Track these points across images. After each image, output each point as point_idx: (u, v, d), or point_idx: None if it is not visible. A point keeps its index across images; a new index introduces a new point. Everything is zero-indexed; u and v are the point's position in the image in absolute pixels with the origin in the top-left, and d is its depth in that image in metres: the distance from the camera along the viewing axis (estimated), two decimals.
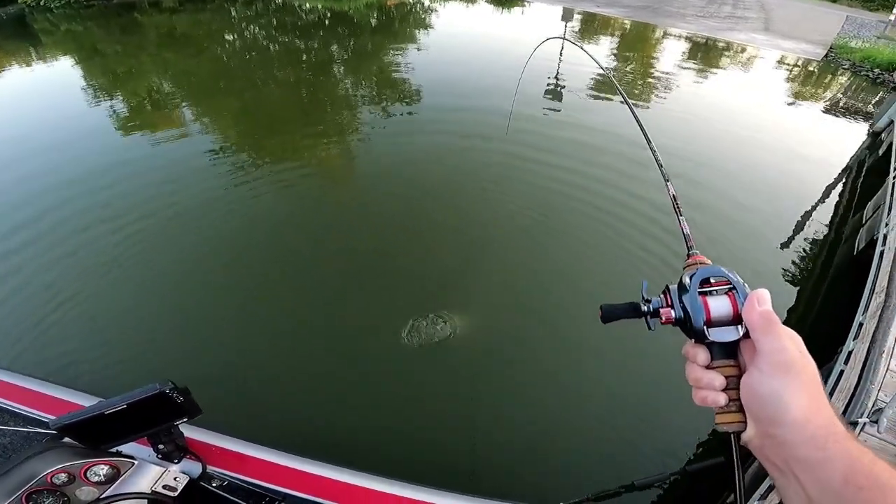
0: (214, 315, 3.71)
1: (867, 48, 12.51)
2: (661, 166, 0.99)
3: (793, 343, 0.50)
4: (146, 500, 1.31)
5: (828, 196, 6.17)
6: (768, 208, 5.56)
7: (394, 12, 15.00)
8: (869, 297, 3.41)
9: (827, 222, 5.56)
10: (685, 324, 0.57)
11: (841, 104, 9.93)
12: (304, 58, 10.70)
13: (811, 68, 12.25)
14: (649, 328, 0.62)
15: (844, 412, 2.37)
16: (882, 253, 3.81)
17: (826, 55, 12.93)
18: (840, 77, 11.75)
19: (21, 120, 7.05)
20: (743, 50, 13.35)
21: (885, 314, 2.98)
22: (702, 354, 0.56)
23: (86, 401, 1.65)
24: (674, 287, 0.61)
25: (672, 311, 0.59)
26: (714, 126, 7.90)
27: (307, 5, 15.03)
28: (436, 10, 15.71)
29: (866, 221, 4.92)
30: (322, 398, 3.15)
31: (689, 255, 0.67)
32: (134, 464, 1.37)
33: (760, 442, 0.51)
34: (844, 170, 6.93)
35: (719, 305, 0.56)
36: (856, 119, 9.00)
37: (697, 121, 8.04)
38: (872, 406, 2.34)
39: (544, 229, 4.76)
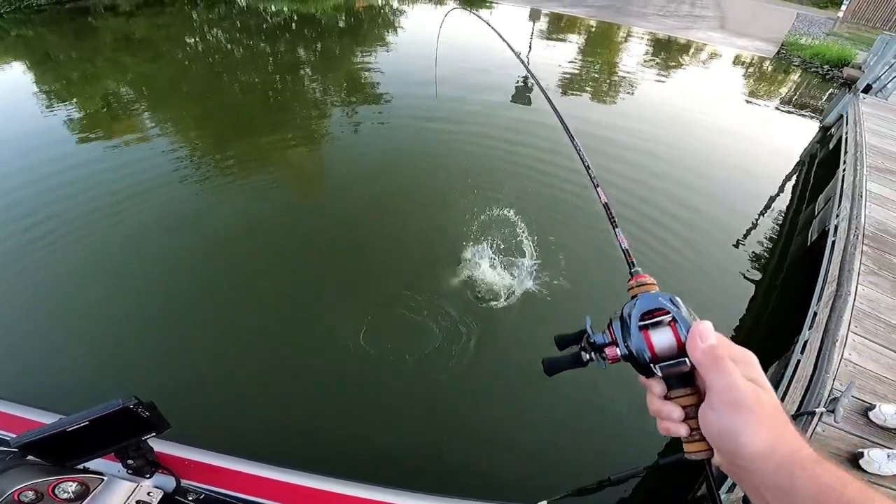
0: (181, 325, 3.63)
1: (817, 45, 13.11)
2: (588, 168, 0.92)
3: (744, 375, 0.49)
4: None
5: (782, 190, 6.46)
6: (724, 203, 5.78)
7: (362, 14, 14.87)
8: (822, 287, 3.60)
9: (782, 215, 5.84)
10: (632, 360, 0.56)
11: (793, 100, 10.39)
12: (270, 61, 10.51)
13: (764, 65, 12.77)
14: (603, 368, 0.60)
15: (801, 402, 2.49)
16: (833, 243, 4.02)
17: (778, 52, 13.50)
18: (792, 74, 12.30)
19: None
20: (699, 48, 13.82)
21: (836, 303, 3.15)
22: (657, 386, 0.56)
23: (46, 418, 1.63)
24: (616, 322, 0.58)
25: (617, 349, 0.57)
26: (670, 122, 8.17)
27: (272, 8, 14.73)
28: (404, 13, 15.66)
29: (818, 213, 5.18)
30: (296, 406, 3.13)
31: (631, 275, 0.64)
32: (103, 480, 1.36)
33: (729, 468, 0.51)
34: (797, 164, 7.27)
35: (662, 339, 0.54)
36: (807, 114, 9.44)
37: (654, 117, 8.29)
38: (828, 395, 2.47)
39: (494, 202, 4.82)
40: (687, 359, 0.52)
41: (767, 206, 5.94)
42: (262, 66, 10.18)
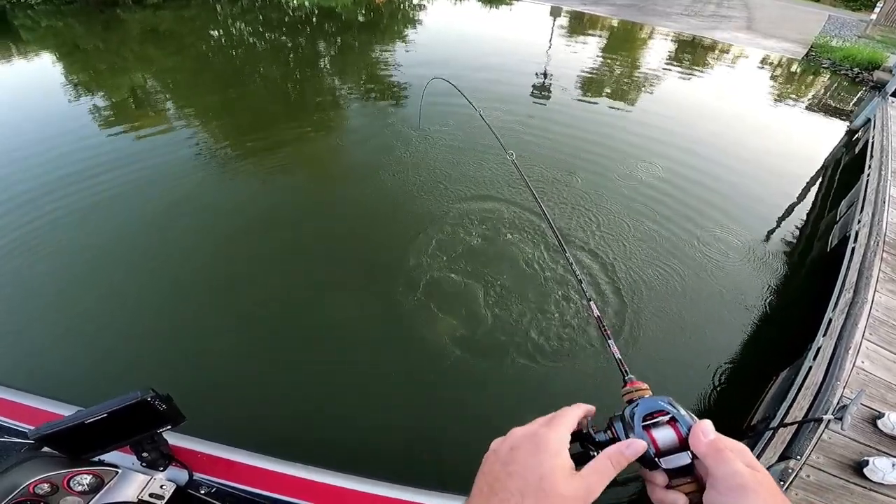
0: (197, 320, 3.69)
1: (848, 47, 12.71)
2: (579, 279, 0.97)
3: (744, 462, 0.52)
4: None
5: (805, 194, 6.31)
6: (745, 205, 5.67)
7: (382, 10, 14.93)
8: (839, 294, 3.51)
9: (803, 220, 5.70)
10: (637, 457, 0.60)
11: (821, 103, 10.11)
12: (291, 55, 10.64)
13: (792, 67, 12.44)
14: None
15: (809, 409, 2.44)
16: (853, 250, 3.92)
17: (807, 54, 13.14)
18: (821, 76, 11.96)
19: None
20: (725, 49, 13.52)
21: (852, 310, 3.08)
22: (659, 477, 0.59)
23: (64, 410, 1.64)
24: (618, 424, 0.62)
25: None
26: (692, 122, 8.04)
27: (294, 2, 14.90)
28: (423, 8, 15.67)
29: (840, 219, 5.05)
30: (309, 401, 3.15)
31: (625, 382, 0.70)
32: (118, 472, 1.35)
33: None
34: (821, 168, 7.08)
35: (665, 436, 0.58)
36: (835, 117, 9.18)
37: (678, 118, 8.15)
38: (837, 403, 2.41)
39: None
40: (689, 452, 0.57)
41: (789, 210, 5.81)
42: (283, 59, 10.32)
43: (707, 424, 0.57)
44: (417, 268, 4.11)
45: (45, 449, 1.28)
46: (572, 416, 0.60)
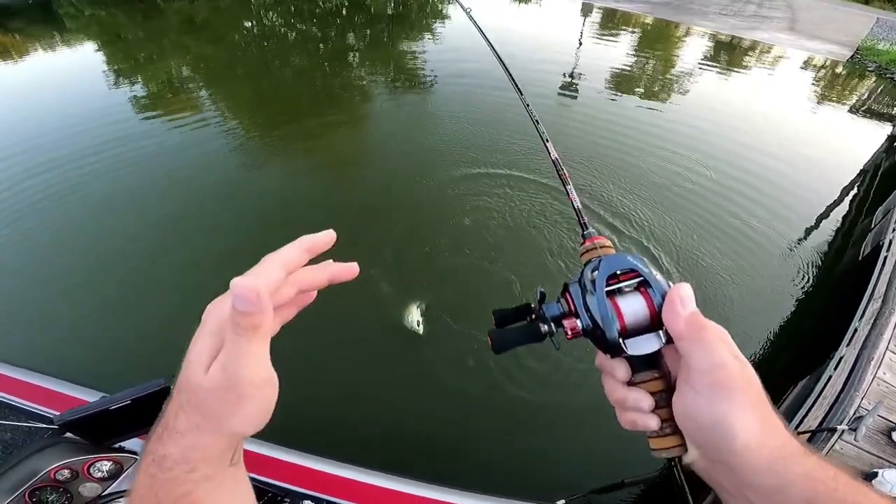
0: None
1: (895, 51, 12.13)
2: (536, 123, 0.82)
3: (729, 351, 0.41)
4: None
5: (842, 200, 6.06)
6: (782, 209, 5.47)
7: (411, 2, 14.96)
8: (867, 303, 3.35)
9: (838, 225, 5.48)
10: (595, 335, 0.46)
11: (865, 107, 9.67)
12: (321, 46, 10.76)
13: (835, 70, 11.92)
14: (556, 348, 0.50)
15: (823, 419, 2.34)
16: (885, 259, 3.74)
17: (852, 57, 12.57)
18: (866, 79, 11.43)
19: (41, 107, 7.24)
20: (765, 49, 13.04)
21: (879, 321, 2.94)
22: (621, 369, 0.46)
23: (88, 396, 1.65)
24: (574, 286, 0.48)
25: (578, 322, 0.47)
26: (729, 123, 7.77)
27: None
28: (452, 1, 15.63)
29: (875, 226, 4.81)
30: (325, 393, 3.13)
31: (584, 238, 0.53)
32: (137, 459, 1.33)
33: (706, 466, 0.43)
34: (860, 173, 6.78)
35: (633, 308, 0.45)
36: (878, 122, 8.77)
37: (714, 119, 7.90)
38: (854, 413, 2.31)
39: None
40: (660, 333, 0.44)
41: (824, 215, 5.60)
42: (313, 50, 10.45)
43: (685, 290, 0.43)
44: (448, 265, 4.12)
45: (68, 434, 1.28)
46: (259, 272, 0.39)
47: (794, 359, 3.64)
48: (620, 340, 0.44)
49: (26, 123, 6.27)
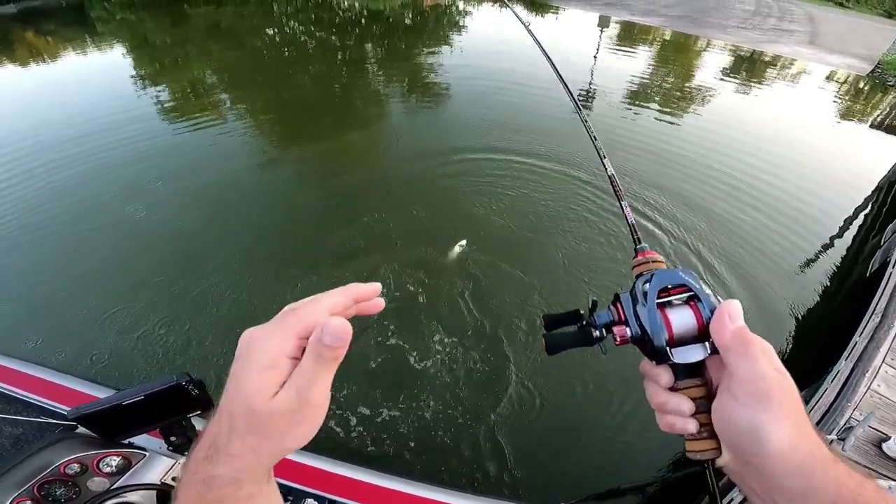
0: (224, 306, 3.73)
1: None
2: (594, 140, 0.87)
3: (770, 363, 0.44)
4: (155, 492, 1.32)
5: (857, 216, 6.01)
6: (796, 225, 5.46)
7: (429, 13, 15.20)
8: (868, 319, 3.36)
9: (850, 242, 5.45)
10: (643, 342, 0.50)
11: (885, 122, 9.55)
12: (339, 55, 11.00)
13: (855, 83, 11.79)
14: (603, 353, 0.54)
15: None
16: (891, 275, 3.73)
17: (872, 71, 12.41)
18: (888, 94, 11.27)
19: (73, 108, 7.56)
20: (784, 62, 12.94)
21: (877, 334, 2.95)
22: (665, 375, 0.50)
23: (99, 392, 1.67)
24: (625, 296, 0.52)
25: (627, 329, 0.50)
26: (745, 136, 7.73)
27: (345, 3, 15.41)
28: (470, 13, 15.83)
29: (884, 244, 4.78)
30: (334, 394, 3.22)
31: (636, 252, 0.59)
32: (145, 455, 1.37)
33: (738, 469, 0.46)
34: (875, 190, 6.70)
35: (682, 320, 0.48)
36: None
37: (732, 132, 7.87)
38: (844, 424, 2.34)
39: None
40: (706, 344, 0.48)
41: (838, 232, 5.56)
42: (332, 58, 10.69)
43: (735, 306, 0.47)
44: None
45: (80, 430, 1.31)
46: (308, 310, 0.43)
47: (798, 371, 3.64)
48: (667, 348, 0.48)
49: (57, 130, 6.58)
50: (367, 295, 0.48)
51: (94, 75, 9.11)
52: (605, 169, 0.80)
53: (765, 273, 4.55)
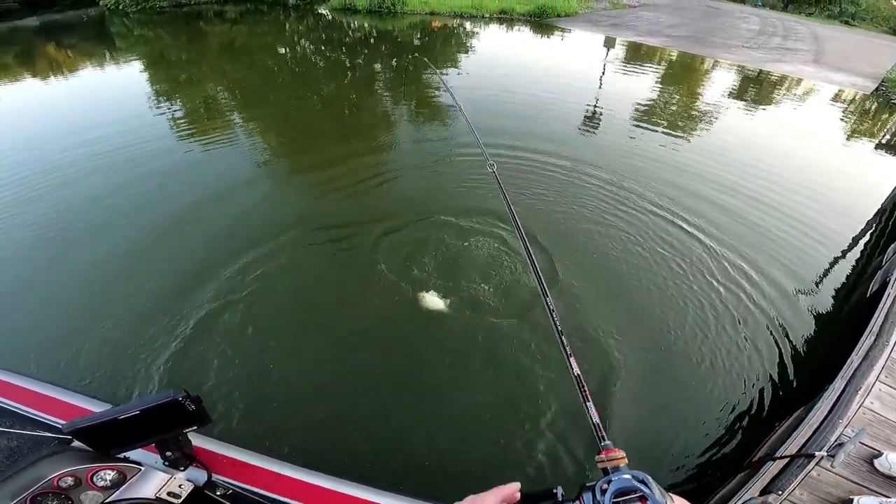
0: (226, 325, 3.71)
1: None
2: (559, 332, 0.92)
3: None
4: None
5: (860, 238, 6.02)
6: (799, 245, 5.47)
7: (437, 34, 15.52)
8: (865, 338, 3.38)
9: (853, 264, 5.45)
10: None
11: (888, 142, 9.57)
12: (349, 73, 11.25)
13: (858, 102, 11.84)
14: None
15: (803, 445, 2.40)
16: (888, 295, 3.75)
17: (877, 89, 12.47)
18: (894, 113, 11.29)
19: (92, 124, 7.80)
20: (788, 82, 13.04)
21: (871, 353, 2.98)
22: None
23: (95, 406, 1.67)
24: (587, 495, 0.61)
25: None
26: (747, 156, 7.78)
27: (355, 23, 15.79)
28: (476, 34, 16.14)
29: (885, 264, 4.79)
30: (330, 411, 3.12)
31: (600, 450, 0.69)
32: (140, 470, 1.38)
33: None
34: (878, 212, 6.71)
35: None
36: None
37: (734, 153, 7.91)
38: (835, 440, 2.36)
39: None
40: None
41: (841, 253, 5.57)
42: (341, 77, 10.93)
43: None
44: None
45: (75, 443, 1.30)
46: (497, 495, 0.65)
47: (796, 390, 3.66)
48: None
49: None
50: (511, 497, 0.67)
51: (111, 91, 9.40)
52: (571, 369, 0.86)
53: (766, 293, 4.57)
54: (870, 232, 6.13)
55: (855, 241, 5.89)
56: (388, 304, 4.01)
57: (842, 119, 10.67)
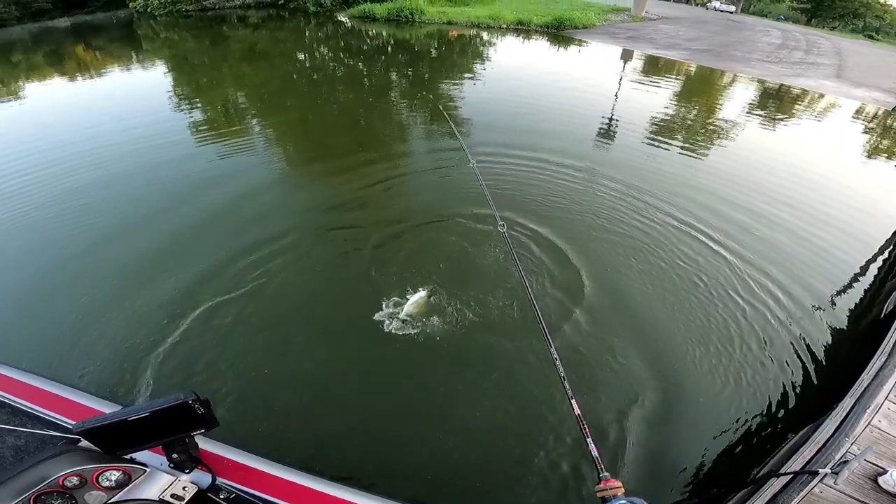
0: (234, 330, 3.69)
1: None
2: (562, 376, 0.96)
3: None
4: None
5: (877, 259, 5.90)
6: (817, 264, 5.38)
7: (454, 44, 15.68)
8: (877, 358, 3.32)
9: (870, 283, 5.34)
10: None
11: None
12: (366, 80, 11.40)
13: (884, 119, 11.63)
14: None
15: (807, 463, 2.36)
16: None
17: None
18: None
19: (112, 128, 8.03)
20: (808, 97, 12.88)
21: (882, 372, 2.93)
22: None
23: (104, 406, 1.66)
24: None
25: None
26: (766, 172, 7.69)
27: (373, 31, 16.03)
28: (493, 44, 16.25)
29: None
30: (335, 416, 3.13)
31: (599, 479, 0.74)
32: (146, 471, 1.38)
33: None
34: (895, 233, 6.59)
35: None
36: None
37: (753, 169, 7.83)
38: (840, 458, 2.32)
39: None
40: None
41: (860, 270, 5.47)
42: (359, 84, 11.08)
43: None
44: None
45: (82, 443, 1.31)
46: None
47: (805, 408, 3.59)
48: None
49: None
50: None
51: (124, 94, 9.67)
52: (573, 409, 0.93)
53: (778, 310, 4.50)
54: (888, 250, 6.01)
55: (873, 259, 5.77)
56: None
57: (865, 135, 10.50)
